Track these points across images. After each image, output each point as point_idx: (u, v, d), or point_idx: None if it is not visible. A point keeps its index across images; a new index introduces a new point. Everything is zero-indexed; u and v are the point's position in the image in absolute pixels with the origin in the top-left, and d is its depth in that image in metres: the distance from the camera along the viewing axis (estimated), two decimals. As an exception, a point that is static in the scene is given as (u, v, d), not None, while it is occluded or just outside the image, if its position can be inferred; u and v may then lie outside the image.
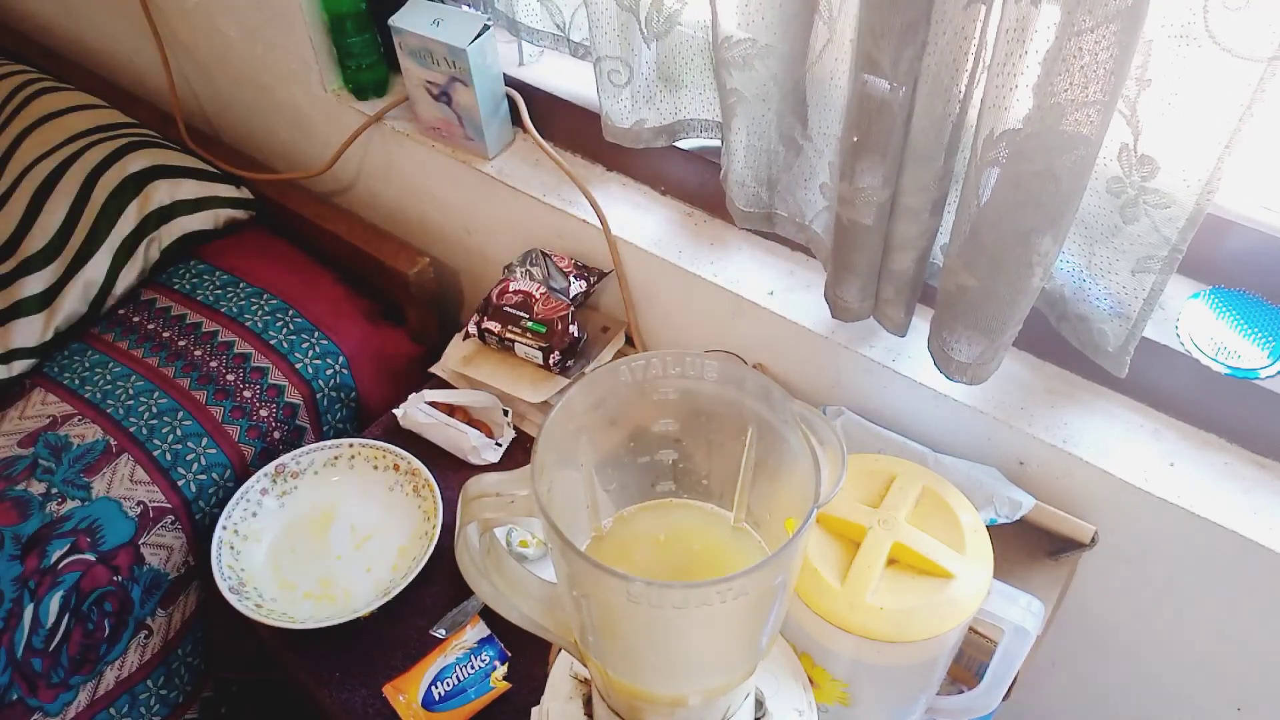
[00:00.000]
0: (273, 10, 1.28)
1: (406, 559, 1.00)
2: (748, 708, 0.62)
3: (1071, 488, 0.87)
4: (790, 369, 1.03)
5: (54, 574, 1.03)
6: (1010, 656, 0.76)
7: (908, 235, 0.81)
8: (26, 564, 1.02)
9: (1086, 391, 0.89)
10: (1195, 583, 0.85)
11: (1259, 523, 0.79)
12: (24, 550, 1.03)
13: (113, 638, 1.07)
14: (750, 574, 0.44)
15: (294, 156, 1.50)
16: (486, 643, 0.93)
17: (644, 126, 1.00)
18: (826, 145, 0.86)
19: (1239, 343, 0.76)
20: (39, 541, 1.04)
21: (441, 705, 0.89)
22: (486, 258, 1.31)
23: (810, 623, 0.72)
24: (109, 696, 1.08)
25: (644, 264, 1.08)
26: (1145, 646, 0.95)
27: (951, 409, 0.90)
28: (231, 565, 0.99)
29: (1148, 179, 0.69)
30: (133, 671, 1.10)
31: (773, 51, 0.83)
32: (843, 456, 0.48)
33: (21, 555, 1.03)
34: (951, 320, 0.82)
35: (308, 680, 0.94)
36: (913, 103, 0.73)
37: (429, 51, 1.09)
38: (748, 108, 0.88)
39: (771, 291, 1.00)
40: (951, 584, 0.70)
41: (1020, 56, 0.64)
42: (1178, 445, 0.85)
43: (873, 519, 0.73)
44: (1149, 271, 0.74)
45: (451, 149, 1.20)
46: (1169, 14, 0.61)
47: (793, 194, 0.93)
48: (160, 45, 1.45)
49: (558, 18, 1.05)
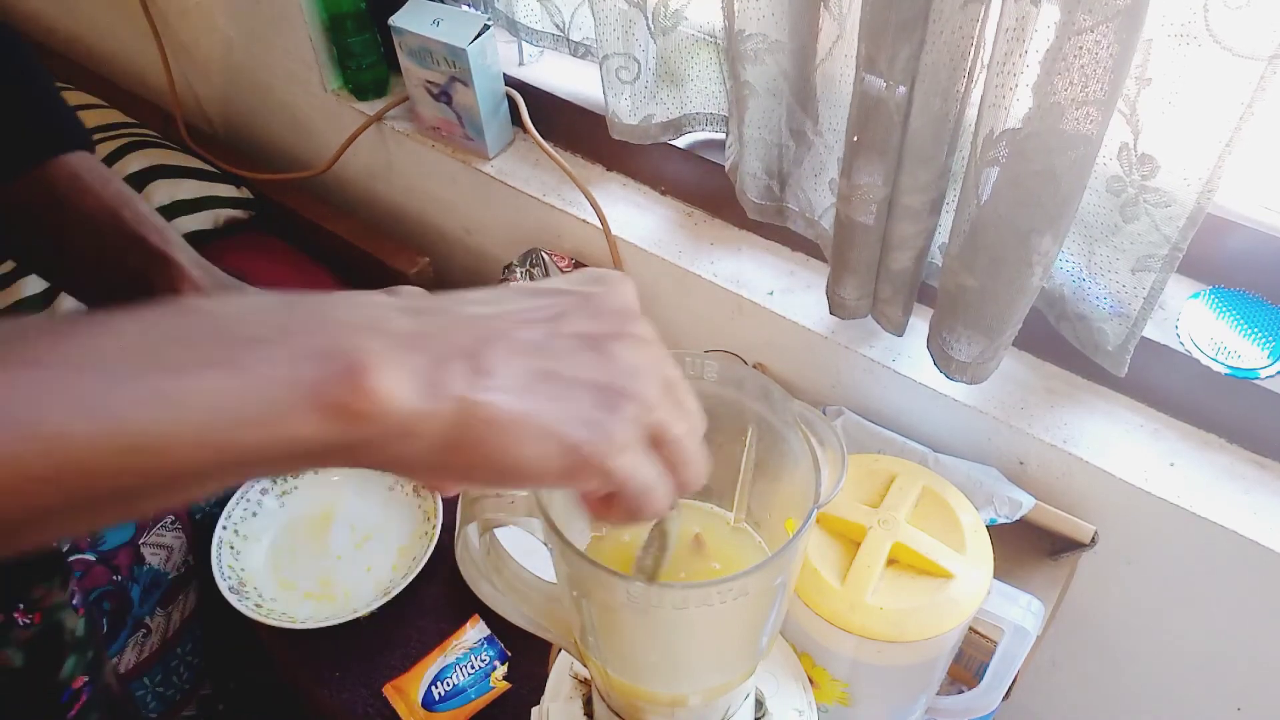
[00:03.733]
0: (273, 10, 1.28)
1: (406, 559, 1.00)
2: (748, 708, 0.62)
3: (1071, 488, 0.87)
4: (790, 369, 1.03)
5: (54, 574, 1.03)
6: (1010, 656, 0.76)
7: (906, 234, 0.81)
8: (26, 564, 1.02)
9: (1086, 391, 0.89)
10: (1195, 583, 0.85)
11: (1259, 523, 0.79)
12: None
13: (111, 636, 1.07)
14: (750, 574, 0.44)
15: (294, 156, 1.50)
16: (486, 643, 0.93)
17: (651, 122, 1.00)
18: (836, 141, 0.86)
19: (1239, 343, 0.76)
20: (39, 541, 1.04)
21: (441, 705, 0.89)
22: (486, 258, 1.31)
23: (810, 623, 0.72)
24: (109, 696, 1.08)
25: (644, 264, 1.08)
26: (1145, 646, 0.95)
27: (951, 409, 0.90)
28: (231, 565, 0.98)
29: (1148, 178, 0.69)
30: (130, 670, 1.10)
31: (782, 47, 0.83)
32: (843, 457, 0.48)
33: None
34: (951, 320, 0.82)
35: (308, 680, 0.94)
36: (911, 101, 0.73)
37: (429, 51, 1.09)
38: (759, 101, 0.88)
39: (771, 291, 1.00)
40: (951, 584, 0.70)
41: (1020, 55, 0.64)
42: (1178, 445, 0.85)
43: (873, 519, 0.73)
44: (1149, 270, 0.74)
45: (451, 149, 1.20)
46: (1169, 13, 0.61)
47: (803, 188, 0.93)
48: (160, 45, 1.45)
49: (557, 18, 1.05)
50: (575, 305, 0.34)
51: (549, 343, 0.32)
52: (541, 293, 0.35)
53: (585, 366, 0.32)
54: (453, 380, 0.30)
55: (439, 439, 0.30)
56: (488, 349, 0.31)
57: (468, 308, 0.33)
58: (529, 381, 0.31)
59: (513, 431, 0.31)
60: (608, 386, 0.33)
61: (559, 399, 0.32)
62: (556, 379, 0.32)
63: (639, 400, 0.33)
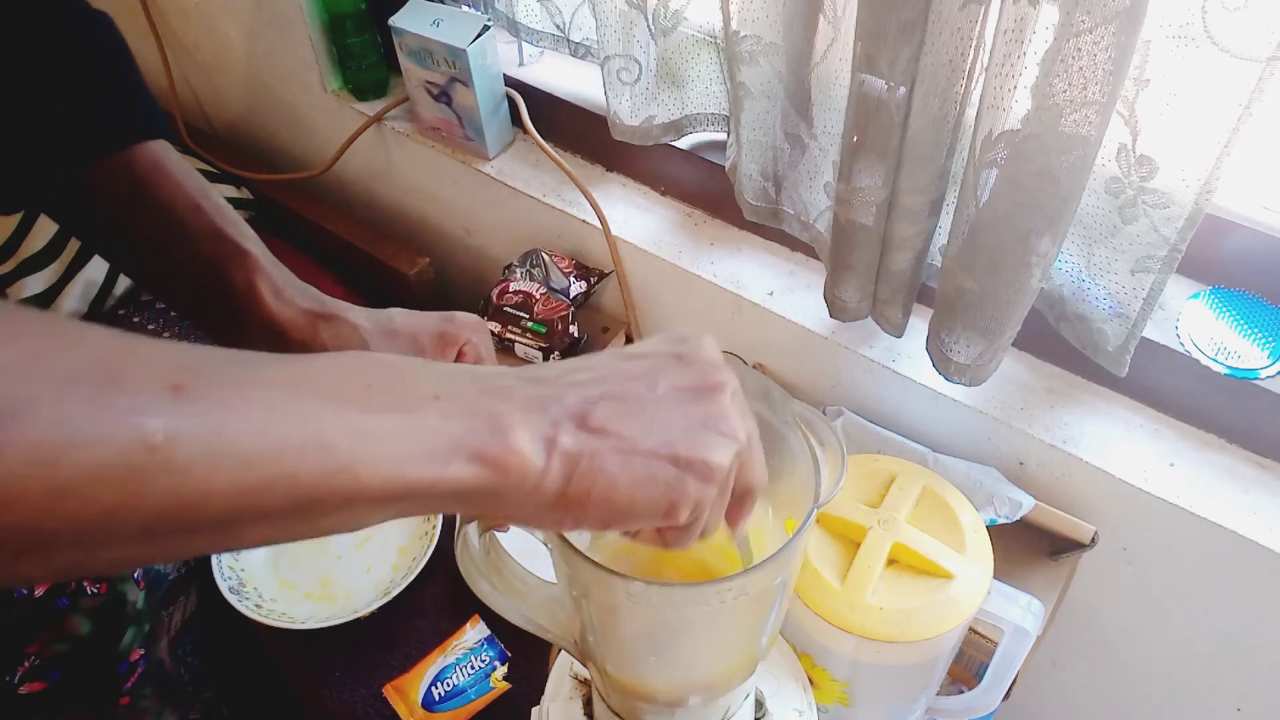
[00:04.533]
0: (273, 10, 1.28)
1: (406, 559, 1.00)
2: (748, 708, 0.62)
3: (1071, 488, 0.87)
4: (790, 369, 1.03)
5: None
6: (1010, 656, 0.76)
7: (905, 235, 0.81)
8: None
9: (1086, 391, 0.89)
10: (1195, 583, 0.85)
11: (1259, 523, 0.79)
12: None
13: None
14: (750, 574, 0.44)
15: (294, 156, 1.50)
16: (486, 643, 0.93)
17: (653, 123, 1.00)
18: (831, 145, 0.86)
19: (1239, 343, 0.76)
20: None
21: (441, 705, 0.89)
22: (486, 258, 1.31)
23: (810, 623, 0.72)
24: (109, 696, 1.08)
25: (644, 264, 1.08)
26: (1145, 646, 0.95)
27: (951, 409, 0.90)
28: (231, 565, 0.99)
29: (1146, 179, 0.69)
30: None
31: (777, 49, 0.83)
32: (843, 457, 0.48)
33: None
34: (950, 321, 0.82)
35: (308, 681, 0.94)
36: (910, 103, 0.73)
37: (429, 52, 1.09)
38: (754, 103, 0.88)
39: (771, 291, 1.00)
40: (951, 584, 0.70)
41: (1019, 57, 0.64)
42: (1178, 445, 0.85)
43: (873, 519, 0.73)
44: (1148, 271, 0.74)
45: (451, 149, 1.20)
46: (1167, 14, 0.61)
47: (798, 191, 0.93)
48: (160, 45, 1.45)
49: (558, 18, 1.05)
50: (666, 363, 0.39)
51: (648, 397, 0.37)
52: (634, 356, 0.39)
53: (680, 420, 0.37)
54: (564, 438, 0.35)
55: (556, 490, 0.35)
56: (594, 409, 0.36)
57: (575, 374, 0.37)
58: (631, 433, 0.36)
59: (618, 479, 0.35)
60: (700, 428, 0.37)
61: (654, 449, 0.36)
62: (653, 429, 0.36)
63: (731, 438, 0.37)
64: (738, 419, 0.38)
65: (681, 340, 0.40)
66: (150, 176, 0.55)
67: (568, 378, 0.37)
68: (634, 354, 0.39)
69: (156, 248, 0.55)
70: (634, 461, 0.35)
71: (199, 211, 0.54)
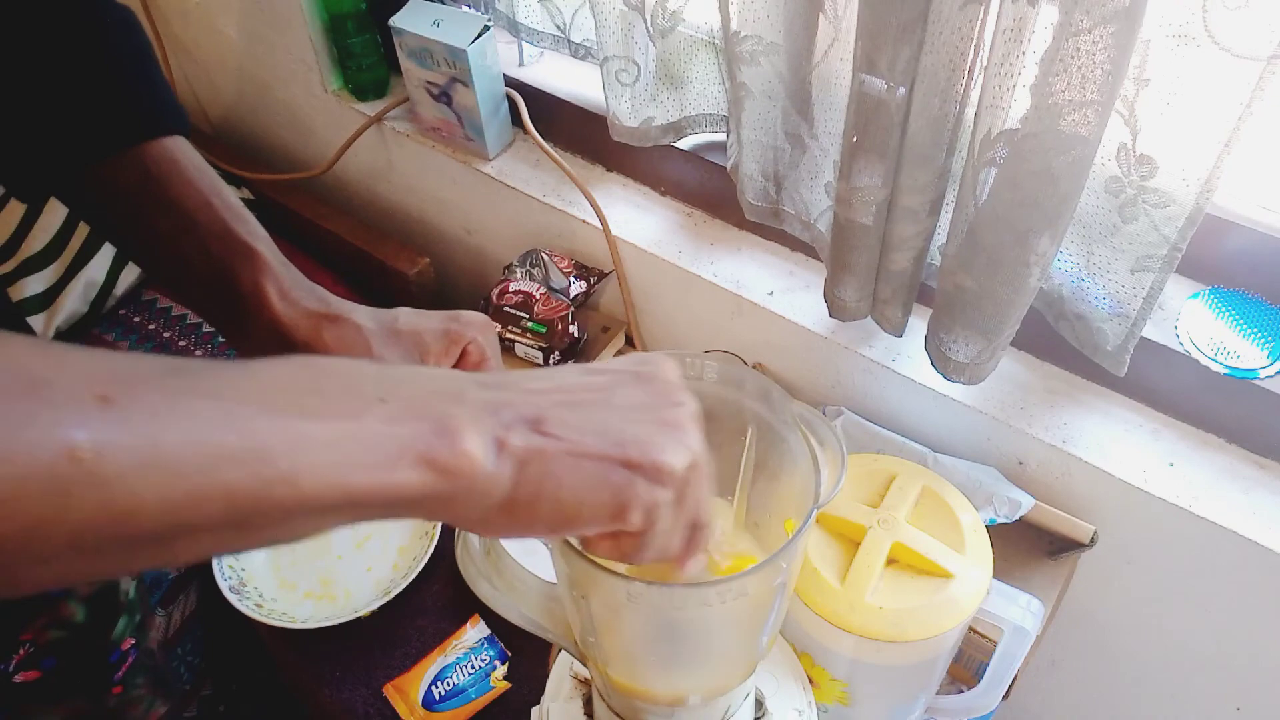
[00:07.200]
0: (273, 11, 1.28)
1: (407, 559, 1.00)
2: (748, 708, 0.62)
3: (1071, 487, 0.87)
4: (790, 369, 1.03)
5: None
6: (1010, 656, 0.76)
7: (905, 235, 0.82)
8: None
9: (1086, 391, 0.89)
10: (1195, 583, 0.85)
11: (1258, 523, 0.79)
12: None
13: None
14: (750, 574, 0.44)
15: (294, 156, 1.50)
16: (487, 642, 0.93)
17: (652, 124, 1.00)
18: (831, 144, 0.86)
19: (1238, 343, 0.76)
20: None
21: (441, 705, 0.89)
22: (486, 258, 1.31)
23: (810, 623, 0.72)
24: (109, 696, 1.08)
25: (644, 264, 1.08)
26: (1145, 646, 0.95)
27: (951, 409, 0.90)
28: (231, 565, 0.99)
29: (1146, 178, 0.69)
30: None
31: (777, 49, 0.83)
32: (843, 457, 0.48)
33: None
34: (949, 320, 0.82)
35: (308, 680, 0.94)
36: (910, 102, 0.73)
37: (429, 52, 1.09)
38: (755, 103, 0.88)
39: (771, 291, 1.00)
40: (951, 584, 0.71)
41: (1018, 57, 0.64)
42: (1177, 445, 0.85)
43: (873, 519, 0.73)
44: (1148, 270, 0.74)
45: (451, 149, 1.20)
46: (1167, 14, 0.61)
47: (798, 191, 0.93)
48: (160, 45, 1.45)
49: (558, 18, 1.05)
50: (626, 380, 0.39)
51: (601, 408, 0.37)
52: (595, 371, 0.39)
53: (633, 426, 0.37)
54: (515, 440, 0.34)
55: (505, 493, 0.34)
56: (547, 414, 0.35)
57: (531, 383, 0.37)
58: (582, 436, 0.35)
59: (566, 481, 0.35)
60: (655, 432, 0.37)
61: (606, 451, 0.35)
62: (606, 433, 0.36)
63: (685, 446, 0.37)
64: (695, 433, 0.38)
65: (643, 361, 0.41)
66: (163, 171, 0.54)
67: (525, 384, 0.37)
68: (595, 369, 0.40)
69: (166, 243, 0.55)
70: (584, 464, 0.35)
71: (209, 209, 0.54)
